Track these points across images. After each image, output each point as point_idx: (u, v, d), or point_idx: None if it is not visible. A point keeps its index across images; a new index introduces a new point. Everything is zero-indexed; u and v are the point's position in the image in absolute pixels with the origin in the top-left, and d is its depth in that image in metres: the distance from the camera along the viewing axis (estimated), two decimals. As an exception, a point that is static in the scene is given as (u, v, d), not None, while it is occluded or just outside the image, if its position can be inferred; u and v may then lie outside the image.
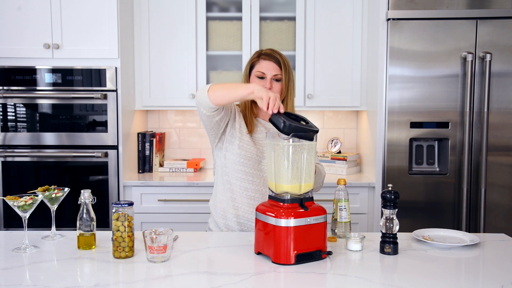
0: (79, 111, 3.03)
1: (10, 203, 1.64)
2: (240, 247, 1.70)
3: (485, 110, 2.80)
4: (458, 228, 2.84)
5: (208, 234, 1.92)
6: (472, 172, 2.85)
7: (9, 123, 3.03)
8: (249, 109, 1.99)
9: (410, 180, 2.90)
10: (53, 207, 1.78)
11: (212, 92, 1.77)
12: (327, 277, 1.45)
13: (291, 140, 1.56)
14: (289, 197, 1.57)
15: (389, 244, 1.64)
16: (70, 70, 3.00)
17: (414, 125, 2.88)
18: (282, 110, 1.63)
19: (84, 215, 1.68)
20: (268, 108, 1.63)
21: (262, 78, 1.93)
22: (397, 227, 1.64)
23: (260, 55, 1.97)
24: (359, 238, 1.68)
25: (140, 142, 3.39)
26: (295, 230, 1.52)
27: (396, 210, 1.64)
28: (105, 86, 3.01)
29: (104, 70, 3.00)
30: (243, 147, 1.93)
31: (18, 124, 3.03)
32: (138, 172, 3.39)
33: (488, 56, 2.77)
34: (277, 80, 1.94)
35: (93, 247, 1.69)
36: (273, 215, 1.54)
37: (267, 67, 1.93)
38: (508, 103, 2.84)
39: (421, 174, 2.91)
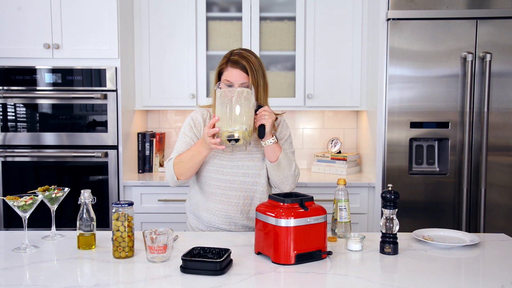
0: (79, 111, 3.03)
1: (10, 203, 1.64)
2: (240, 247, 1.70)
3: (485, 110, 2.80)
4: (458, 228, 2.84)
5: (208, 234, 1.92)
6: (472, 172, 2.85)
7: (9, 123, 3.03)
8: None
9: (410, 180, 2.90)
10: (53, 207, 1.78)
11: (179, 175, 1.93)
12: (327, 277, 1.45)
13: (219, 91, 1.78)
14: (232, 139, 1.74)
15: (389, 244, 1.64)
16: (70, 70, 3.00)
17: (414, 125, 2.87)
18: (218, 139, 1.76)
19: (84, 215, 1.68)
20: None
21: (230, 86, 1.92)
22: (397, 227, 1.64)
23: (228, 61, 1.95)
24: (359, 238, 1.68)
25: (140, 142, 3.39)
26: (295, 230, 1.52)
27: (396, 210, 1.64)
28: (105, 86, 3.01)
29: (104, 70, 3.00)
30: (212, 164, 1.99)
31: (18, 124, 3.03)
32: (138, 172, 3.39)
33: (488, 56, 2.77)
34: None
35: (93, 247, 1.69)
36: (273, 215, 1.54)
37: (234, 76, 1.91)
38: (508, 103, 2.84)
39: (421, 174, 2.91)
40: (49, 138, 3.03)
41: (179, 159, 1.92)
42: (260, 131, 1.82)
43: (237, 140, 1.73)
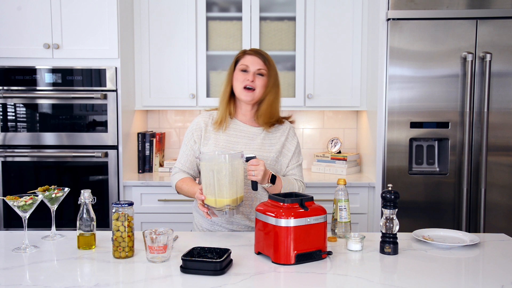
0: (79, 111, 3.03)
1: (10, 203, 1.64)
2: (240, 247, 1.70)
3: (485, 110, 2.80)
4: (458, 228, 2.84)
5: (208, 234, 1.92)
6: (472, 172, 2.85)
7: (9, 123, 3.03)
8: (226, 108, 2.02)
9: (410, 180, 2.90)
10: (53, 207, 1.78)
11: (179, 193, 2.04)
12: (327, 277, 1.45)
13: (203, 161, 1.74)
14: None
15: (389, 244, 1.64)
16: (70, 70, 3.00)
17: (414, 125, 2.87)
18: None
19: (84, 215, 1.68)
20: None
21: (245, 71, 1.96)
22: (397, 227, 1.64)
23: (246, 52, 2.02)
24: (359, 238, 1.68)
25: (140, 142, 3.39)
26: (295, 230, 1.52)
27: (396, 210, 1.64)
28: (105, 86, 3.01)
29: (104, 70, 3.00)
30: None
31: (18, 124, 3.03)
32: (138, 172, 3.39)
33: (488, 56, 2.77)
34: (261, 75, 1.96)
35: (93, 247, 1.69)
36: (273, 215, 1.54)
37: (252, 61, 1.97)
38: (508, 103, 2.84)
39: (421, 174, 2.91)
40: (49, 138, 3.03)
41: (179, 187, 2.00)
42: (253, 185, 1.83)
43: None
